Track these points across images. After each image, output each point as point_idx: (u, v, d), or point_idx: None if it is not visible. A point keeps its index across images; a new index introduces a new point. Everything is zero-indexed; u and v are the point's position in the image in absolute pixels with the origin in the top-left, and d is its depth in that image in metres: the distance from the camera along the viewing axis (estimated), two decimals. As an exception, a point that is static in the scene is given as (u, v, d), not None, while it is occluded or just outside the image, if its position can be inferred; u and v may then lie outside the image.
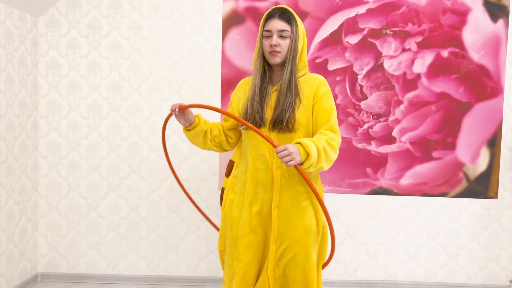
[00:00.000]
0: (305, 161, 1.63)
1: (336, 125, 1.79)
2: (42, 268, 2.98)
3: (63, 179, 2.94)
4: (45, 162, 2.93)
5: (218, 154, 2.92)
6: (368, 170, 2.92)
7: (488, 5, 2.84)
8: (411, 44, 2.86)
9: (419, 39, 2.86)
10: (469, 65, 2.87)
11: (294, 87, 1.77)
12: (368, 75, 2.88)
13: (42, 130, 2.92)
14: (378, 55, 2.87)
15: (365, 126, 2.91)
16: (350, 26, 2.87)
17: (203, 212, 2.23)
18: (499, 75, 2.88)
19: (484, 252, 2.96)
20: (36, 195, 2.94)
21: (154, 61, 2.90)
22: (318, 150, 1.65)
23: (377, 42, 2.87)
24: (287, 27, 1.77)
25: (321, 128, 1.78)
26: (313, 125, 1.80)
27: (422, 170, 2.92)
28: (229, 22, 2.88)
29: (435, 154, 2.91)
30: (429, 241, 2.96)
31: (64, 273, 2.97)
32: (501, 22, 2.85)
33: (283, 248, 1.81)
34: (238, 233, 1.84)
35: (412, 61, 2.87)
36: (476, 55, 2.86)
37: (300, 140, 1.65)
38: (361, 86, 2.89)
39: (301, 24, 1.83)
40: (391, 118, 2.90)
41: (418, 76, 2.88)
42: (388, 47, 2.87)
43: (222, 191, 1.97)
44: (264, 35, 1.80)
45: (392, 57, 2.87)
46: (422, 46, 2.86)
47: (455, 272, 2.97)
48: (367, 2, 2.85)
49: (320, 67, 2.88)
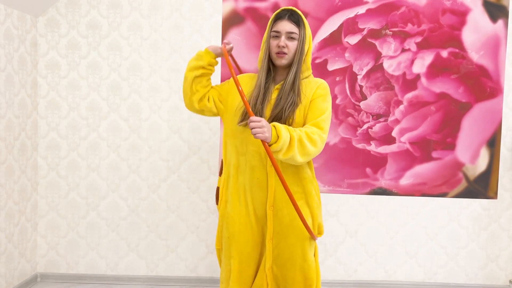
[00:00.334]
0: (274, 144, 1.61)
1: (324, 123, 1.75)
2: (41, 269, 2.98)
3: (62, 179, 2.94)
4: (45, 162, 2.93)
5: (218, 154, 2.92)
6: (368, 170, 2.92)
7: (487, 5, 2.84)
8: (411, 44, 2.86)
9: (418, 39, 2.86)
10: (468, 65, 2.87)
11: (297, 88, 1.79)
12: (367, 75, 2.89)
13: (41, 131, 2.92)
14: (378, 56, 2.87)
15: (365, 126, 2.91)
16: (349, 27, 2.87)
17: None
18: (499, 75, 2.88)
19: (484, 252, 2.96)
20: (36, 196, 2.93)
21: (154, 62, 2.90)
22: (291, 137, 1.63)
23: (376, 43, 2.87)
24: (295, 30, 1.79)
25: (310, 120, 1.76)
26: (304, 122, 1.80)
27: (421, 170, 2.92)
28: (228, 23, 2.88)
29: (435, 154, 2.91)
30: (428, 241, 2.96)
31: (63, 273, 2.97)
32: (500, 22, 2.85)
33: (280, 247, 1.81)
34: (234, 231, 1.85)
35: (412, 62, 2.87)
36: (476, 55, 2.87)
37: (275, 123, 1.64)
38: (361, 87, 2.89)
39: (309, 27, 1.84)
40: (391, 118, 2.90)
41: (418, 76, 2.88)
42: (388, 48, 2.87)
43: (217, 190, 1.96)
44: (272, 35, 1.81)
45: (391, 57, 2.87)
46: (422, 47, 2.86)
47: (455, 272, 2.97)
48: (366, 3, 2.85)
49: (319, 68, 2.88)
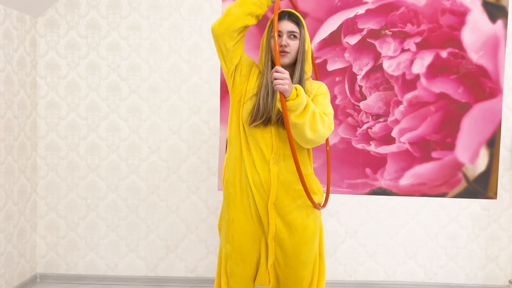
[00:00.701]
0: (291, 100, 1.60)
1: (332, 117, 1.79)
2: (41, 269, 2.97)
3: (62, 179, 2.94)
4: (44, 162, 2.93)
5: (218, 155, 2.92)
6: (368, 170, 2.92)
7: (487, 5, 2.84)
8: (410, 44, 2.86)
9: (418, 39, 2.86)
10: (468, 65, 2.87)
11: (304, 86, 1.81)
12: (367, 75, 2.89)
13: (41, 131, 2.92)
14: (377, 56, 2.87)
15: (364, 126, 2.91)
16: (349, 27, 2.87)
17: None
18: (498, 75, 2.88)
19: (483, 253, 2.96)
20: (35, 196, 2.93)
21: (153, 62, 2.90)
22: (307, 103, 1.64)
23: (376, 43, 2.87)
24: (296, 29, 1.81)
25: None
26: None
27: (421, 170, 2.92)
28: (228, 23, 2.88)
29: (434, 154, 2.91)
30: (428, 241, 2.96)
31: (63, 274, 2.97)
32: (500, 22, 2.85)
33: (282, 244, 1.81)
34: (234, 217, 1.85)
35: (411, 62, 2.87)
36: (475, 55, 2.87)
37: (296, 85, 1.64)
38: (360, 87, 2.89)
39: (306, 29, 1.86)
40: (390, 118, 2.90)
41: (417, 77, 2.88)
42: (387, 48, 2.87)
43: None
44: (273, 35, 1.82)
45: (391, 57, 2.87)
46: (421, 47, 2.86)
47: (455, 272, 2.97)
48: (366, 3, 2.86)
49: (319, 68, 2.88)
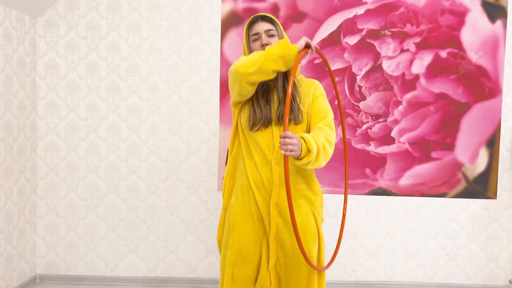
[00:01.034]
0: (305, 157, 1.63)
1: (332, 122, 1.82)
2: (40, 270, 2.97)
3: (61, 180, 2.94)
4: (44, 163, 2.93)
5: (217, 155, 2.92)
6: (367, 170, 2.92)
7: (486, 5, 2.85)
8: (410, 44, 2.87)
9: (417, 39, 2.86)
10: (467, 65, 2.87)
11: (296, 90, 1.82)
12: (367, 75, 2.89)
13: (40, 131, 2.92)
14: (377, 56, 2.88)
15: (364, 126, 2.91)
16: (348, 27, 2.87)
17: None
18: (498, 75, 2.88)
19: (483, 253, 2.96)
20: (35, 197, 2.93)
21: (153, 62, 2.90)
22: (318, 147, 1.66)
23: (375, 43, 2.87)
24: (272, 27, 1.85)
25: (317, 123, 1.79)
26: (310, 122, 1.83)
27: (421, 170, 2.92)
28: (228, 23, 2.88)
29: (434, 154, 2.91)
30: (428, 241, 2.96)
31: (63, 274, 2.97)
32: (499, 22, 2.86)
33: (283, 245, 1.81)
34: (235, 222, 1.85)
35: (411, 62, 2.87)
36: (475, 55, 2.87)
37: (303, 135, 1.65)
38: (360, 87, 2.89)
39: (283, 29, 1.91)
40: (390, 118, 2.90)
41: (417, 77, 2.88)
42: (387, 48, 2.87)
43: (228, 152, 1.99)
44: (252, 39, 1.86)
45: (390, 57, 2.88)
46: (421, 47, 2.86)
47: (454, 272, 2.97)
48: (365, 3, 2.86)
49: (319, 68, 2.88)
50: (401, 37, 2.87)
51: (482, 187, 2.93)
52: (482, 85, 2.89)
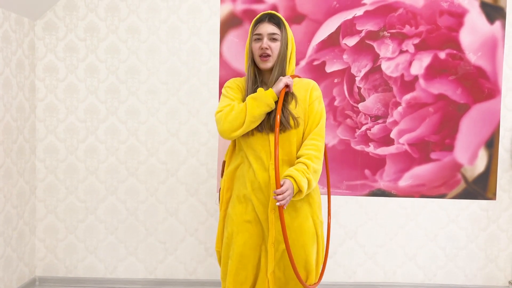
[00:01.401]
0: (296, 194, 1.72)
1: (322, 130, 1.84)
2: (40, 272, 2.97)
3: (61, 182, 2.93)
4: (43, 165, 2.93)
5: (217, 157, 2.91)
6: (367, 171, 2.92)
7: (484, 6, 2.85)
8: (409, 46, 2.87)
9: (416, 41, 2.86)
10: (466, 66, 2.88)
11: (288, 96, 1.82)
12: (366, 77, 2.89)
13: (39, 134, 2.92)
14: (376, 57, 2.88)
15: (363, 128, 2.91)
16: (347, 28, 2.87)
17: None
18: (496, 76, 2.88)
19: (483, 253, 2.96)
20: (34, 199, 2.93)
21: (152, 64, 2.90)
22: (308, 181, 1.73)
23: (374, 44, 2.87)
24: (277, 31, 1.81)
25: (309, 130, 1.82)
26: (306, 125, 1.84)
27: (420, 171, 2.92)
28: (226, 25, 2.88)
29: (433, 155, 2.91)
30: (427, 242, 2.96)
31: (62, 277, 2.96)
32: (498, 23, 2.86)
33: (282, 249, 1.81)
34: (233, 231, 1.85)
35: (410, 63, 2.88)
36: (473, 56, 2.87)
37: (292, 174, 1.71)
38: (359, 88, 2.89)
39: (290, 29, 1.86)
40: (389, 119, 2.90)
41: (416, 78, 2.88)
42: (386, 49, 2.87)
43: (223, 164, 2.00)
44: (254, 39, 1.83)
45: (389, 59, 2.88)
46: (420, 48, 2.87)
47: (454, 273, 2.97)
48: (364, 4, 2.86)
49: (318, 69, 2.88)
50: (400, 38, 2.87)
51: (481, 188, 2.93)
52: (481, 86, 2.89)
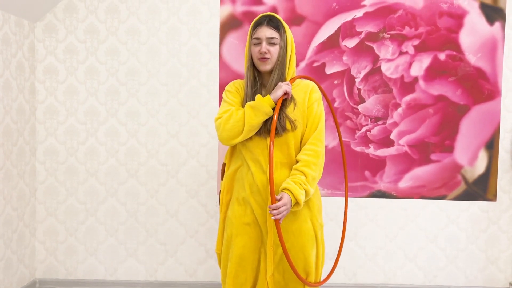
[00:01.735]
0: (294, 206, 1.73)
1: (322, 133, 1.84)
2: (40, 274, 2.96)
3: (61, 184, 2.93)
4: (43, 167, 2.93)
5: (217, 159, 2.91)
6: (367, 173, 2.92)
7: (484, 8, 2.85)
8: (408, 47, 2.87)
9: (416, 42, 2.86)
10: (466, 67, 2.88)
11: (288, 100, 1.81)
12: (365, 78, 2.89)
13: (39, 136, 2.92)
14: (376, 59, 2.88)
15: (363, 129, 2.91)
16: (347, 30, 2.87)
17: None
18: (496, 77, 2.88)
19: (483, 255, 2.96)
20: (34, 201, 2.92)
21: (152, 66, 2.90)
22: (306, 191, 1.74)
23: (374, 46, 2.87)
24: (275, 34, 1.80)
25: (308, 133, 1.82)
26: (306, 128, 1.84)
27: (420, 173, 2.92)
28: (226, 27, 2.88)
29: (433, 156, 2.91)
30: (428, 243, 2.96)
31: (62, 279, 2.96)
32: (497, 24, 2.86)
33: (280, 252, 1.81)
34: (232, 233, 1.85)
35: (410, 64, 2.88)
36: (473, 57, 2.87)
37: (289, 187, 1.71)
38: (359, 90, 2.89)
39: (289, 31, 1.86)
40: (389, 121, 2.90)
41: (416, 79, 2.88)
42: (386, 51, 2.87)
43: (223, 166, 2.00)
44: (253, 43, 1.83)
45: (389, 60, 2.88)
46: (419, 49, 2.87)
47: (454, 274, 2.97)
48: (364, 6, 2.86)
49: (317, 71, 2.88)
50: (400, 39, 2.87)
51: (481, 189, 2.93)
52: (481, 87, 2.89)
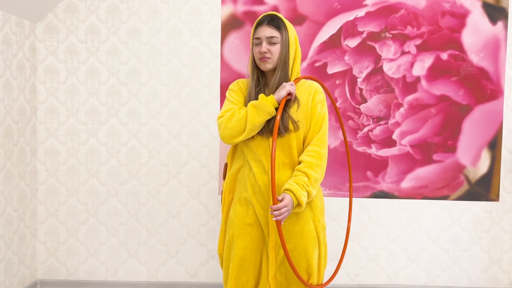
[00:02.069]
0: (296, 207, 1.72)
1: (325, 134, 1.83)
2: (41, 275, 2.96)
3: (62, 185, 2.93)
4: (44, 168, 2.92)
5: (218, 159, 2.90)
6: (369, 173, 2.91)
7: (487, 7, 2.84)
8: (411, 47, 2.85)
9: (418, 42, 2.85)
10: (468, 67, 2.86)
11: (291, 100, 1.81)
12: (367, 78, 2.88)
13: (40, 136, 2.91)
14: (378, 58, 2.87)
15: (365, 129, 2.90)
16: (349, 29, 2.86)
17: None
18: (499, 77, 2.87)
19: (486, 255, 2.95)
20: (35, 202, 2.92)
21: (153, 66, 2.89)
22: (308, 194, 1.73)
23: (376, 45, 2.86)
24: (276, 34, 1.79)
25: (312, 135, 1.81)
26: (309, 128, 1.83)
27: (422, 173, 2.90)
28: (228, 27, 2.87)
29: (436, 157, 2.90)
30: (430, 244, 2.95)
31: (63, 280, 2.95)
32: (500, 24, 2.85)
33: (282, 253, 1.80)
34: (234, 234, 1.84)
35: (412, 64, 2.86)
36: (476, 57, 2.86)
37: (291, 188, 1.70)
38: (361, 89, 2.88)
39: (292, 30, 1.84)
40: (391, 121, 2.89)
41: (418, 79, 2.87)
42: (388, 50, 2.86)
43: (225, 166, 2.00)
44: (255, 43, 1.84)
45: (391, 60, 2.86)
46: (422, 49, 2.85)
47: (457, 275, 2.95)
48: (366, 6, 2.85)
49: (319, 71, 2.87)
50: (402, 39, 2.86)
51: (484, 189, 2.91)
52: (483, 87, 2.87)
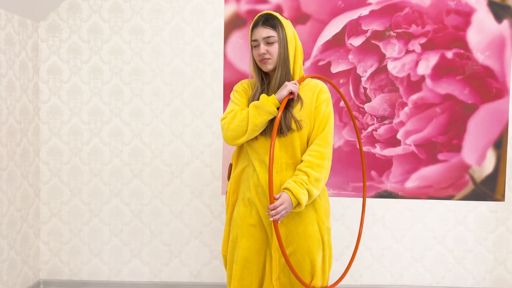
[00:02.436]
0: (296, 206, 1.70)
1: (329, 134, 1.79)
2: (44, 275, 2.95)
3: (65, 185, 2.92)
4: (47, 168, 2.91)
5: (221, 159, 2.89)
6: (373, 173, 2.89)
7: (492, 5, 2.81)
8: (415, 45, 2.83)
9: (423, 40, 2.83)
10: (474, 66, 2.84)
11: (294, 99, 1.79)
12: (371, 77, 2.86)
13: (43, 136, 2.90)
14: (382, 57, 2.85)
15: (369, 128, 2.88)
16: (353, 28, 2.84)
17: None
18: (505, 76, 2.85)
19: (491, 256, 2.92)
20: (38, 202, 2.91)
21: (156, 66, 2.88)
22: (309, 192, 1.71)
23: (380, 44, 2.84)
24: (272, 33, 1.77)
25: (315, 134, 1.78)
26: (313, 127, 1.81)
27: (427, 172, 2.88)
28: (231, 26, 2.86)
29: (441, 156, 2.88)
30: (435, 244, 2.92)
31: (66, 280, 2.95)
32: (506, 22, 2.82)
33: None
34: (237, 235, 1.83)
35: (416, 63, 2.84)
36: (481, 56, 2.83)
37: (290, 187, 1.68)
38: (365, 89, 2.86)
39: (289, 27, 1.80)
40: (396, 120, 2.87)
41: (423, 78, 2.85)
42: (392, 49, 2.84)
43: (230, 167, 1.98)
44: (253, 45, 1.82)
45: (396, 59, 2.84)
46: (426, 48, 2.83)
47: (462, 276, 2.93)
48: (370, 4, 2.83)
49: (323, 70, 2.85)
50: (406, 38, 2.83)
51: (489, 189, 2.89)
52: (489, 85, 2.85)
